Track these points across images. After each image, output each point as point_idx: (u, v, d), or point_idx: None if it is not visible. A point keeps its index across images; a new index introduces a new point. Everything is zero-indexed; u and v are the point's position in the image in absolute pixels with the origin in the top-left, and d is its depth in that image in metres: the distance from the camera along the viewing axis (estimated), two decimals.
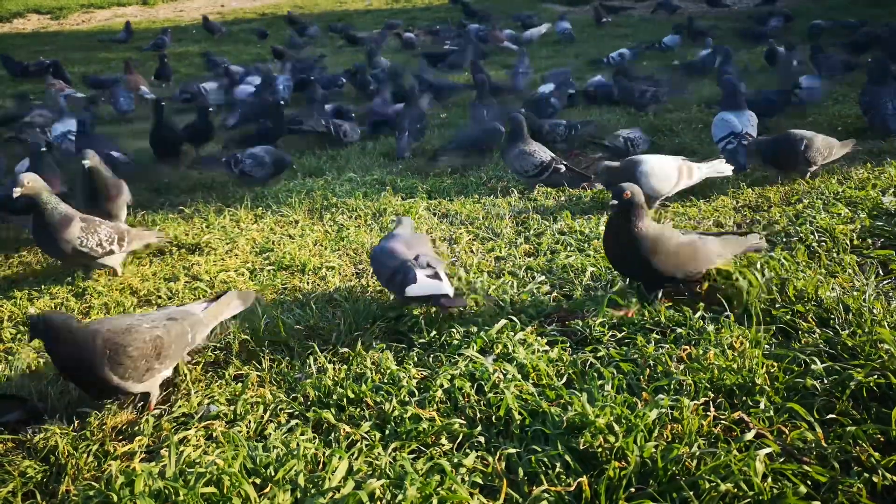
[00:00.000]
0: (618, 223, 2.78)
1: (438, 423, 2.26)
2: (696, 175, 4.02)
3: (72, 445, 2.29)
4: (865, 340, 2.46)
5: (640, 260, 2.76)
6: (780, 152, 4.30)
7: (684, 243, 2.81)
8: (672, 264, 2.78)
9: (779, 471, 1.95)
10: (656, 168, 3.91)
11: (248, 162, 5.17)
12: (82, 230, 3.42)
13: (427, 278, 2.80)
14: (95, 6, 19.26)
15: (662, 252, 2.74)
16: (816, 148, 4.19)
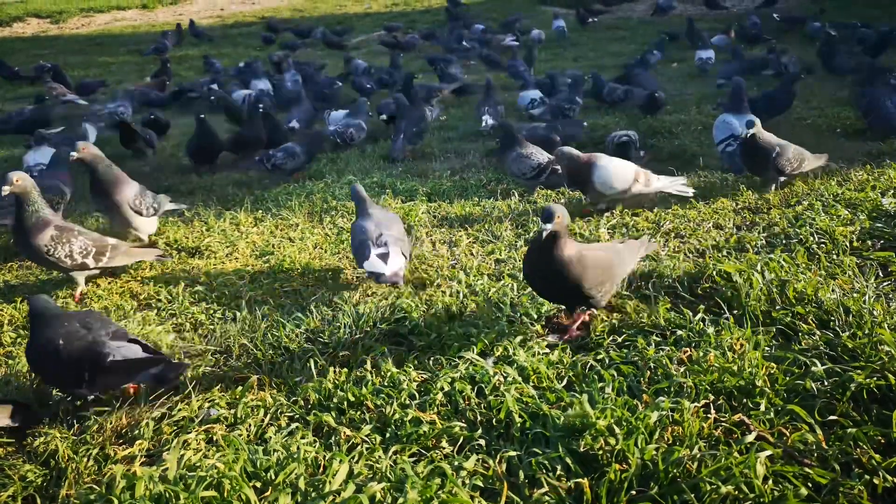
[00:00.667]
0: (541, 247, 2.61)
1: (439, 426, 2.26)
2: (653, 184, 4.04)
3: (72, 449, 2.29)
4: (866, 342, 2.46)
5: (569, 285, 2.62)
6: (752, 158, 4.28)
7: (602, 259, 2.72)
8: (598, 282, 2.67)
9: (780, 473, 1.95)
10: (615, 166, 3.97)
11: (279, 156, 5.39)
12: (53, 238, 3.33)
13: (376, 257, 3.20)
14: (95, 10, 19.28)
15: (588, 273, 2.63)
16: (787, 158, 4.15)
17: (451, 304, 3.06)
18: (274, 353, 2.84)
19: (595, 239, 3.71)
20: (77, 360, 2.43)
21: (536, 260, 2.67)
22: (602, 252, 2.79)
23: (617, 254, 2.83)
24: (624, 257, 2.87)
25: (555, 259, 2.59)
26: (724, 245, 3.47)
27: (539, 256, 2.64)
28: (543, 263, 2.63)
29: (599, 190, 3.96)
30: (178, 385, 2.59)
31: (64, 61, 12.27)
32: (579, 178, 4.04)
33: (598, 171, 3.92)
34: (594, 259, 2.67)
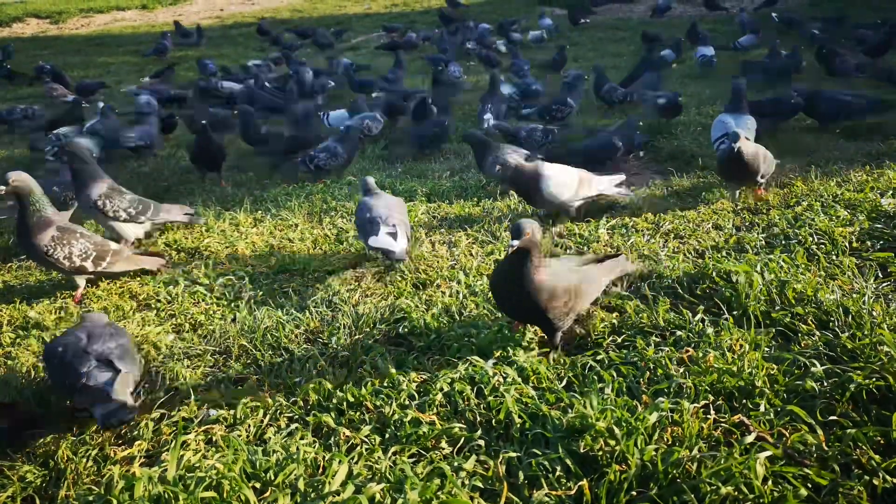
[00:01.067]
0: (511, 268, 2.47)
1: (438, 426, 2.26)
2: (594, 187, 3.98)
3: (71, 450, 2.29)
4: (865, 343, 2.46)
5: (535, 309, 2.50)
6: (736, 170, 4.02)
7: (572, 286, 2.56)
8: (566, 310, 2.56)
9: (779, 474, 1.95)
10: (559, 175, 3.86)
11: (321, 156, 5.34)
12: (53, 239, 3.32)
13: (385, 235, 3.38)
14: (94, 10, 19.30)
15: (557, 301, 2.50)
16: (768, 163, 4.07)
17: (451, 304, 3.06)
18: (273, 353, 2.84)
19: (595, 240, 3.71)
20: (64, 373, 2.44)
21: (505, 277, 2.53)
22: (574, 277, 2.61)
23: (587, 278, 2.66)
24: (595, 280, 2.72)
25: (524, 280, 2.45)
26: (724, 246, 3.47)
27: (507, 274, 2.51)
28: (511, 282, 2.48)
29: (548, 199, 3.86)
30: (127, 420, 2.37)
31: (63, 62, 12.28)
32: (526, 189, 3.91)
33: (546, 181, 3.80)
34: (565, 287, 2.52)
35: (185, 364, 2.79)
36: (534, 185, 3.81)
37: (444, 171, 5.37)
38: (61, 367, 2.43)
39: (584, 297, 2.63)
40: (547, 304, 2.47)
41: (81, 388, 2.35)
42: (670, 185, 4.59)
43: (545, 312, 2.49)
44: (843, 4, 12.99)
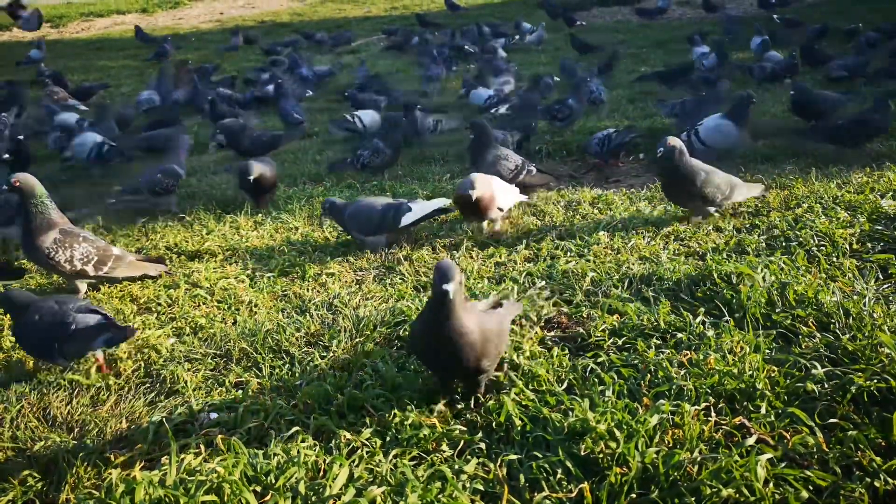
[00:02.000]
0: (439, 315, 2.20)
1: (439, 429, 2.26)
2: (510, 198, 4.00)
3: (72, 454, 2.29)
4: (866, 345, 2.46)
5: (476, 358, 2.24)
6: (671, 185, 3.81)
7: (496, 324, 2.38)
8: (499, 351, 2.36)
9: (780, 476, 1.94)
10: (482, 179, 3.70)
11: (365, 154, 5.45)
12: (55, 241, 3.32)
13: (421, 201, 3.84)
14: (95, 14, 19.32)
15: (492, 340, 2.28)
16: (716, 185, 3.69)
17: None
18: (274, 357, 2.84)
19: (594, 242, 3.71)
20: (48, 331, 2.72)
21: (432, 327, 2.23)
22: (494, 319, 2.40)
23: (502, 321, 2.45)
24: (507, 322, 2.52)
25: (456, 327, 2.19)
26: (724, 248, 3.47)
27: (435, 323, 2.21)
28: (441, 331, 2.20)
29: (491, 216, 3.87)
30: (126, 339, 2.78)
31: (63, 65, 12.29)
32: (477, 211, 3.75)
33: (468, 186, 3.68)
34: (495, 330, 2.32)
35: (185, 367, 2.78)
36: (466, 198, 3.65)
37: (444, 173, 5.38)
38: (46, 330, 2.71)
39: (504, 341, 2.45)
40: (482, 350, 2.23)
41: (73, 333, 2.68)
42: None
43: (480, 360, 2.24)
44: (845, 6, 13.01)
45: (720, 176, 3.76)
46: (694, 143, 4.79)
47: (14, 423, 2.51)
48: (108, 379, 2.73)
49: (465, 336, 2.19)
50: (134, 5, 20.33)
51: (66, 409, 2.57)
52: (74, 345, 2.72)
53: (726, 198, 3.78)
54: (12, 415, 2.55)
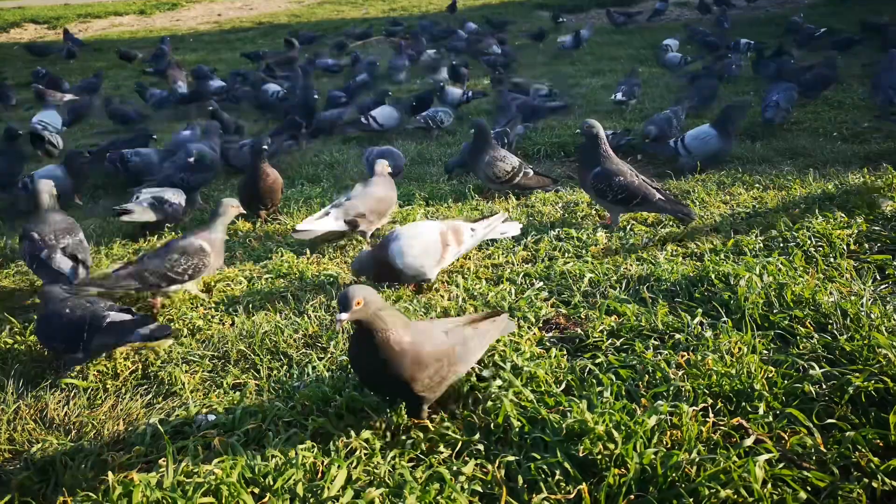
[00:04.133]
0: (362, 340, 2.14)
1: (438, 431, 2.26)
2: (467, 240, 3.34)
3: (69, 456, 2.28)
4: (863, 345, 2.46)
5: (403, 382, 2.15)
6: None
7: (443, 352, 2.22)
8: (435, 381, 2.22)
9: (778, 476, 1.95)
10: (414, 243, 3.21)
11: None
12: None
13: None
14: (92, 16, 19.32)
15: (423, 371, 2.17)
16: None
17: (450, 308, 3.06)
18: (272, 358, 2.84)
19: (592, 243, 3.71)
20: (79, 323, 2.78)
21: (360, 350, 2.18)
22: (448, 340, 2.26)
23: (464, 345, 2.30)
24: (473, 346, 2.35)
25: (380, 351, 2.10)
26: (722, 249, 3.47)
27: (362, 347, 2.15)
28: (368, 355, 2.13)
29: (411, 274, 3.24)
30: (168, 335, 2.84)
31: (61, 66, 12.28)
32: (386, 271, 3.26)
33: (397, 253, 3.18)
34: (434, 353, 2.19)
35: (183, 369, 2.78)
36: (387, 260, 3.22)
37: (442, 174, 5.38)
38: (78, 321, 2.80)
39: (461, 363, 2.30)
40: (412, 373, 2.13)
41: (107, 326, 2.79)
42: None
43: (410, 384, 2.15)
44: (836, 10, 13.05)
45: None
46: (680, 150, 5.05)
47: (11, 425, 2.51)
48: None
49: (391, 361, 2.10)
50: (132, 7, 20.34)
51: (64, 411, 2.57)
52: (105, 337, 2.77)
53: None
54: (9, 417, 2.54)
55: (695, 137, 5.05)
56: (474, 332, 2.37)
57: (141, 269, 3.25)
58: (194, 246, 3.35)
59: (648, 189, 3.86)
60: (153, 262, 3.27)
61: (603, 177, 3.88)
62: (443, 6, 16.84)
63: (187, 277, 3.31)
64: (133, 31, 17.74)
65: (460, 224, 3.37)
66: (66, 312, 2.84)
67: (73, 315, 2.82)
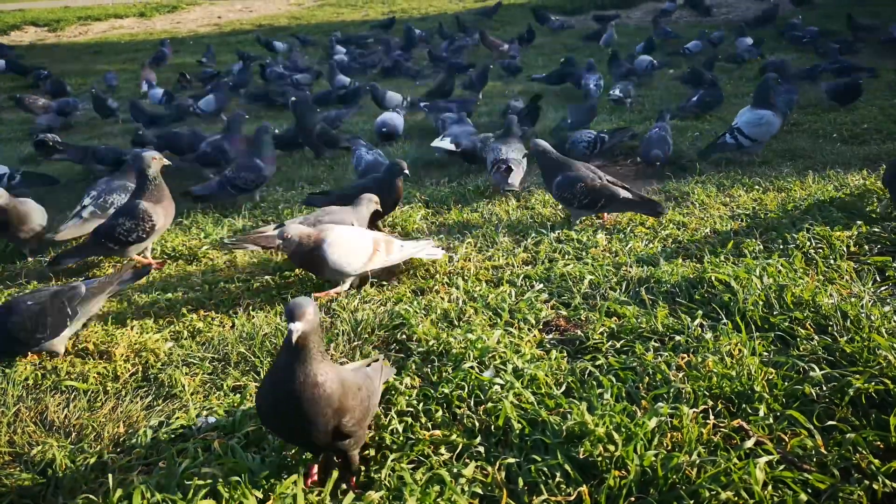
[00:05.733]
0: (290, 365, 1.88)
1: (438, 433, 2.25)
2: (395, 253, 3.42)
3: (69, 458, 2.28)
4: (864, 347, 2.46)
5: (338, 417, 1.92)
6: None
7: (361, 378, 2.10)
8: (361, 416, 2.01)
9: (779, 478, 1.95)
10: (346, 241, 3.29)
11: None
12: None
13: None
14: (92, 18, 19.34)
15: (355, 395, 1.98)
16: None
17: (450, 310, 3.06)
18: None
19: (592, 245, 3.71)
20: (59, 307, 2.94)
21: (283, 379, 1.89)
22: (360, 375, 2.14)
23: (371, 381, 2.20)
24: (376, 384, 2.25)
25: (309, 379, 1.86)
26: (722, 250, 3.47)
27: (287, 375, 1.88)
28: (292, 385, 1.87)
29: (335, 269, 3.28)
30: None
31: (61, 69, 12.29)
32: (309, 260, 3.28)
33: (330, 250, 3.22)
34: (357, 383, 2.02)
35: (183, 371, 2.78)
36: (318, 255, 3.23)
37: (442, 177, 5.38)
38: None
39: (373, 401, 2.15)
40: (342, 404, 1.92)
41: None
42: (668, 190, 4.59)
43: (341, 417, 1.92)
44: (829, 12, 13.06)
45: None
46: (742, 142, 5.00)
47: (11, 427, 2.50)
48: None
49: (319, 387, 1.86)
50: (132, 9, 20.36)
51: (64, 414, 2.57)
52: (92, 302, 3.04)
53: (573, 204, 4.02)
54: (9, 419, 2.54)
55: (754, 124, 4.92)
56: (369, 373, 2.26)
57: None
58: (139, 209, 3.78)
59: (614, 189, 3.94)
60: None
61: (565, 185, 4.01)
62: (442, 7, 16.85)
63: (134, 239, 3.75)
64: (133, 33, 17.77)
65: (393, 238, 3.50)
66: (36, 306, 2.90)
67: (54, 303, 2.94)
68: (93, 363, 2.89)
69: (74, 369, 2.85)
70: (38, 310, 2.90)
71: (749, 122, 4.95)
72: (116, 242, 3.75)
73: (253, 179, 4.79)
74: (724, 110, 6.69)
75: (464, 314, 3.02)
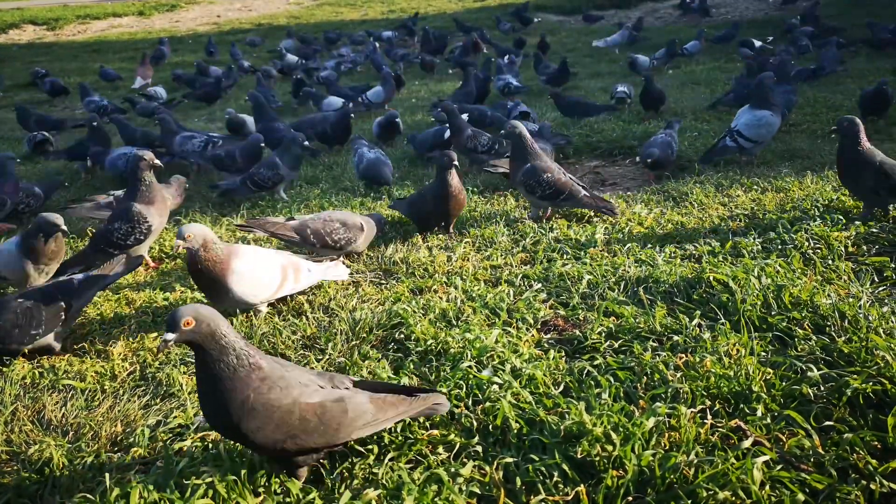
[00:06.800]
0: (206, 376, 1.88)
1: (436, 433, 2.25)
2: (304, 279, 3.22)
3: (67, 457, 2.28)
4: (861, 347, 2.46)
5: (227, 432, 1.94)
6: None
7: (318, 400, 1.96)
8: (284, 434, 1.91)
9: (776, 478, 1.95)
10: (251, 271, 3.01)
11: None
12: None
13: None
14: (91, 17, 19.33)
15: (278, 421, 1.89)
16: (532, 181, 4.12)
17: (448, 309, 3.06)
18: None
19: (590, 245, 3.71)
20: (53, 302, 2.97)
21: (207, 388, 1.88)
22: (326, 396, 1.97)
23: (352, 404, 1.99)
24: (363, 411, 2.01)
25: (231, 393, 1.83)
26: (720, 251, 3.47)
27: (209, 385, 1.86)
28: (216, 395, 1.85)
29: (239, 300, 3.03)
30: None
31: (60, 68, 12.28)
32: (209, 284, 2.96)
33: (236, 278, 2.95)
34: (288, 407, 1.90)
35: (181, 370, 2.78)
36: (220, 281, 2.93)
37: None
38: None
39: (343, 429, 1.98)
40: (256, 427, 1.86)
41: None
42: (666, 190, 4.60)
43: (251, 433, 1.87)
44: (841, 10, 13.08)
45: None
46: (743, 144, 4.96)
47: (9, 426, 2.50)
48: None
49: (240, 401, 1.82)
50: (131, 8, 20.35)
51: (61, 413, 2.56)
52: (85, 295, 3.07)
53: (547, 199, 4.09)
54: (6, 418, 2.54)
55: (753, 125, 4.88)
56: (367, 399, 2.03)
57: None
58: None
59: (574, 186, 4.11)
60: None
61: (532, 173, 4.12)
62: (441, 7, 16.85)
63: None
64: (132, 32, 17.76)
65: (300, 262, 3.24)
66: (28, 302, 2.92)
67: (47, 297, 2.96)
68: (90, 362, 2.89)
69: (72, 368, 2.85)
70: (31, 305, 2.89)
71: (748, 123, 4.93)
72: (116, 247, 3.72)
73: (270, 177, 4.97)
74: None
75: (462, 314, 3.02)
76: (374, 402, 2.04)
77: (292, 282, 3.15)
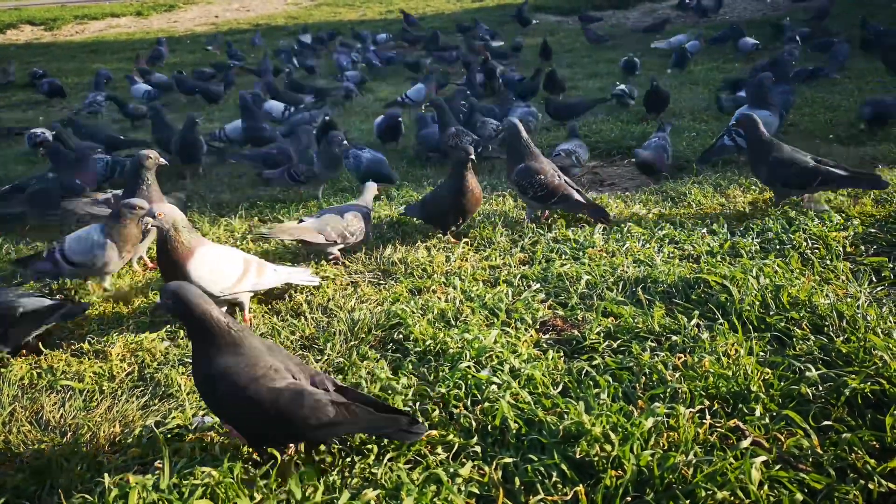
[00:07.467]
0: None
1: (435, 433, 2.25)
2: (268, 277, 3.20)
3: (65, 458, 2.28)
4: (859, 347, 2.47)
5: (211, 402, 2.11)
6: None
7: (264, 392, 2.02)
8: (241, 411, 2.05)
9: (775, 478, 1.95)
10: (216, 258, 3.05)
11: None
12: None
13: None
14: (89, 17, 19.30)
15: (238, 395, 2.01)
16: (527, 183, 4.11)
17: (447, 309, 3.06)
18: None
19: (589, 245, 3.71)
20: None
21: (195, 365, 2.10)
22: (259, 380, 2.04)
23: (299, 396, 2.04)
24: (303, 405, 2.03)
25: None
26: (719, 251, 3.48)
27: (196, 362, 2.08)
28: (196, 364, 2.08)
29: (197, 285, 2.74)
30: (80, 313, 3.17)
31: (58, 68, 12.26)
32: (171, 266, 2.98)
33: (197, 264, 2.96)
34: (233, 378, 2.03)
35: (179, 371, 2.77)
36: (182, 270, 2.96)
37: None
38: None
39: (295, 422, 2.03)
40: (218, 399, 2.00)
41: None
42: (665, 191, 4.60)
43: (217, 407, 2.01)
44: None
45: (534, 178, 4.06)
46: (742, 144, 4.89)
47: (7, 427, 2.50)
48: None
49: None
50: (128, 8, 20.33)
51: (59, 413, 2.56)
52: (25, 328, 2.96)
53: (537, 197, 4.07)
54: (4, 419, 2.53)
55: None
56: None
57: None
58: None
59: (568, 189, 4.07)
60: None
61: (525, 173, 4.09)
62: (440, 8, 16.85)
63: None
64: (130, 32, 17.73)
65: (265, 262, 3.27)
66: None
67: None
68: (89, 363, 2.88)
69: (70, 369, 2.84)
70: None
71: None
72: None
73: (304, 171, 5.07)
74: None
75: (461, 314, 3.02)
76: (338, 408, 2.04)
77: (254, 276, 3.13)
